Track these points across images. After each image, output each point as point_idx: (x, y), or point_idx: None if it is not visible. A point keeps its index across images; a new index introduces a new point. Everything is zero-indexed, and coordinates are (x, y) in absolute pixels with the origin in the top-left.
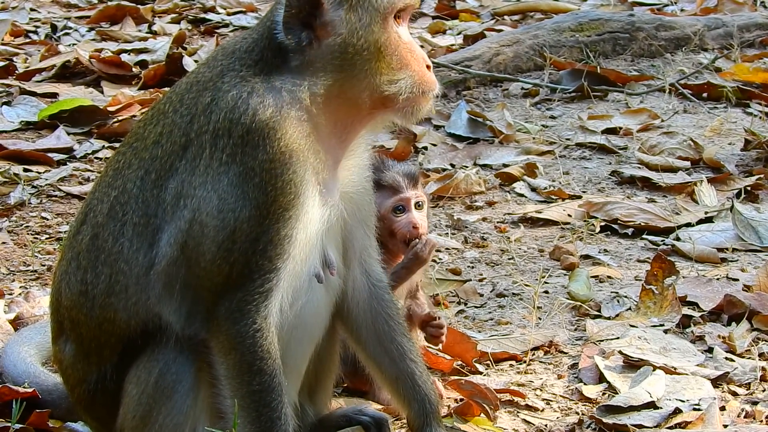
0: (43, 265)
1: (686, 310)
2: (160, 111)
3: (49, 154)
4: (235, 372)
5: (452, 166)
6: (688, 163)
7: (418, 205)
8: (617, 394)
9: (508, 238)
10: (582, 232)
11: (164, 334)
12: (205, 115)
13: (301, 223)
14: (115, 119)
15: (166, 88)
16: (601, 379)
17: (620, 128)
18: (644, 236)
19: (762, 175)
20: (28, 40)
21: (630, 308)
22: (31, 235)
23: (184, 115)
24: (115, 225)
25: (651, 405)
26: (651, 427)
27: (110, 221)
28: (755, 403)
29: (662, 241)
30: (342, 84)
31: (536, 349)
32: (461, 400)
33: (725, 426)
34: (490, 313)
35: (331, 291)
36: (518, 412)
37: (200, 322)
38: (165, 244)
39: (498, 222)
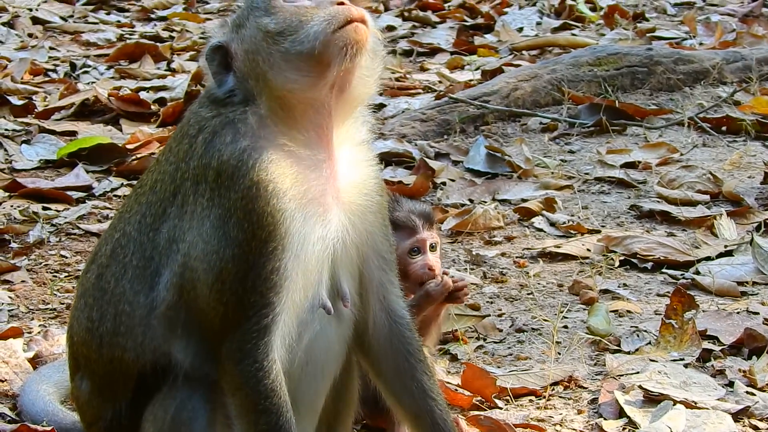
0: (62, 304)
1: (706, 344)
2: (158, 159)
3: (68, 192)
4: (242, 411)
5: (471, 201)
6: (707, 197)
7: (432, 247)
8: (637, 429)
9: (527, 273)
10: (601, 266)
11: (176, 371)
12: (185, 162)
13: (290, 252)
14: (134, 157)
15: None
16: (621, 414)
17: (639, 162)
18: (664, 270)
19: None
20: (47, 79)
21: (650, 342)
22: (50, 273)
23: (171, 163)
24: (117, 266)
25: None
26: None
27: (113, 262)
28: None
29: (682, 275)
30: (273, 83)
31: (556, 384)
32: None
33: None
34: (509, 348)
35: (345, 325)
36: None
37: (208, 361)
38: (163, 288)
39: (517, 257)
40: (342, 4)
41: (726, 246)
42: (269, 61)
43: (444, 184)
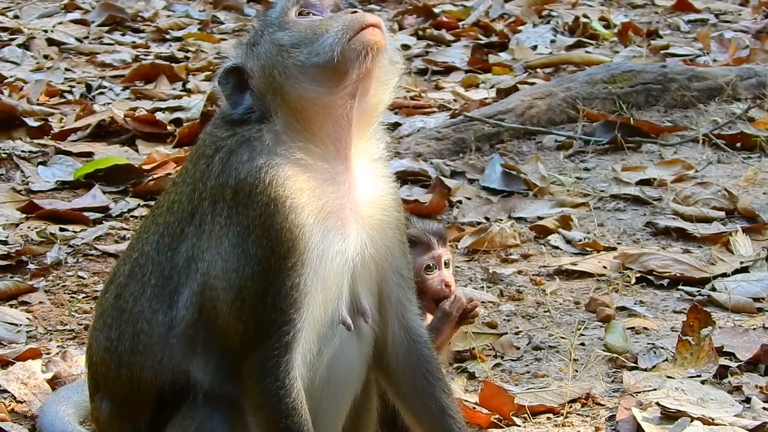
0: (80, 324)
1: (723, 361)
2: (174, 180)
3: (85, 213)
4: (264, 430)
5: (487, 219)
6: (722, 214)
7: (446, 264)
8: None
9: (544, 290)
10: (617, 283)
11: (196, 391)
12: (202, 182)
13: (310, 267)
14: (151, 177)
15: None
16: (638, 430)
17: (654, 179)
18: (680, 287)
19: None
20: (63, 100)
21: (667, 359)
22: (68, 294)
23: (188, 183)
24: (135, 286)
25: None
26: None
27: (131, 282)
28: None
29: (698, 291)
30: (290, 96)
31: (573, 401)
32: None
33: None
34: (526, 366)
35: (365, 342)
36: None
37: (229, 380)
38: (182, 307)
39: (533, 275)
40: (355, 12)
41: (742, 262)
42: (285, 73)
43: (460, 202)
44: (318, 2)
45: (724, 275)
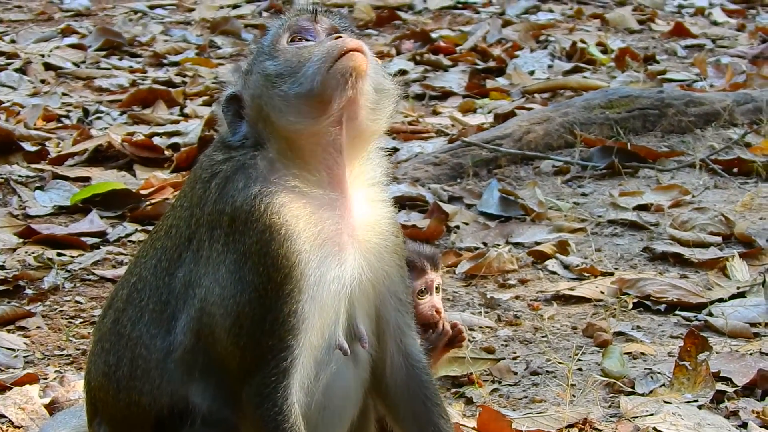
0: (78, 350)
1: (720, 386)
2: (173, 204)
3: (83, 238)
4: None
5: (484, 244)
6: (719, 239)
7: (437, 289)
8: None
9: (542, 315)
10: (615, 309)
11: (194, 416)
12: (200, 208)
13: (306, 294)
14: (148, 202)
15: None
16: None
17: (651, 204)
18: (677, 312)
19: None
20: (60, 125)
21: (664, 384)
22: (66, 319)
23: (186, 208)
24: (133, 310)
25: None
26: None
27: (129, 307)
28: None
29: (695, 316)
30: (278, 126)
31: (571, 426)
32: None
33: None
34: (524, 391)
35: (362, 368)
36: None
37: (227, 405)
38: (180, 332)
39: (531, 300)
40: (339, 38)
41: (738, 287)
42: (271, 104)
43: (458, 227)
44: (311, 26)
45: (721, 300)
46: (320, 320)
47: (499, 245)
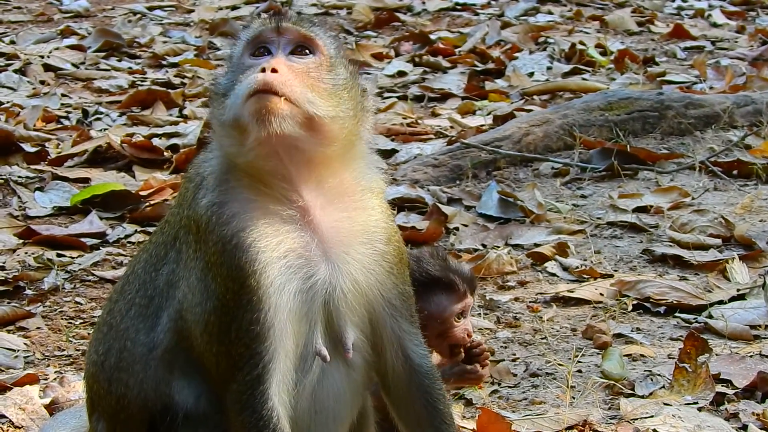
0: (78, 350)
1: (720, 388)
2: (172, 204)
3: (82, 239)
4: None
5: (484, 246)
6: (719, 241)
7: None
8: None
9: (541, 317)
10: (614, 310)
11: (181, 413)
12: (182, 208)
13: (267, 304)
14: (148, 203)
15: None
16: None
17: (651, 206)
18: (677, 314)
19: None
20: (59, 126)
21: (663, 386)
22: (65, 320)
23: (173, 208)
24: (123, 302)
25: None
26: None
27: (120, 298)
28: None
29: (695, 319)
30: (218, 142)
31: (570, 428)
32: None
33: None
34: (523, 392)
35: (357, 372)
36: None
37: (212, 405)
38: (161, 330)
39: (530, 302)
40: (263, 71)
41: (738, 290)
42: (213, 122)
43: (457, 229)
44: (274, 38)
45: (720, 302)
46: (293, 328)
47: (498, 247)
